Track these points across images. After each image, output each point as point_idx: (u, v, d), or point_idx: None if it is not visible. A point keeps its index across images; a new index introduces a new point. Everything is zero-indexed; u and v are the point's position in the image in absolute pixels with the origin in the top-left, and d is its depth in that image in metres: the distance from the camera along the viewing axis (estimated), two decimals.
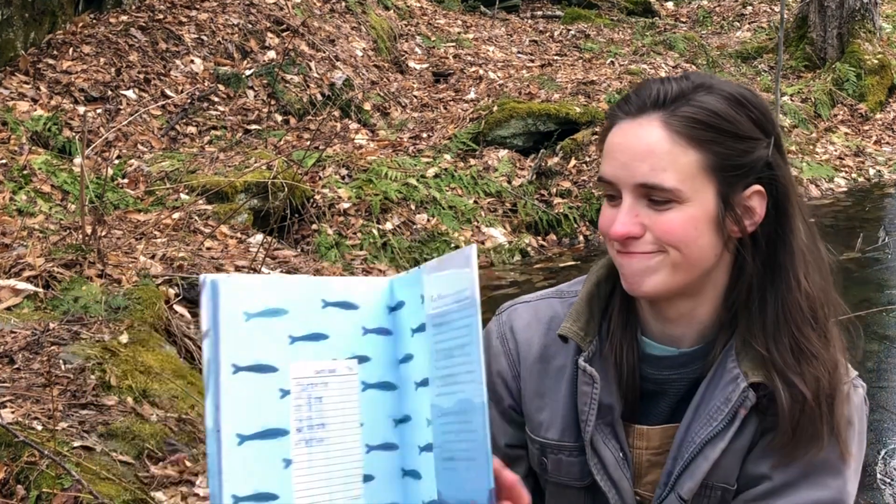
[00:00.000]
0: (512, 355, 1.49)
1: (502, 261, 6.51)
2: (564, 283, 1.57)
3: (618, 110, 1.36)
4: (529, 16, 12.28)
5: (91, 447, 3.00)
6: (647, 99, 1.34)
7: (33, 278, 3.99)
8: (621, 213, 1.33)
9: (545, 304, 1.52)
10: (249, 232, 5.56)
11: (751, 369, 1.34)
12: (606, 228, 1.36)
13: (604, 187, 1.36)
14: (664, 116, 1.31)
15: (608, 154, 1.35)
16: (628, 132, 1.33)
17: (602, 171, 1.36)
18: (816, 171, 8.38)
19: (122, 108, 6.68)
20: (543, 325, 1.49)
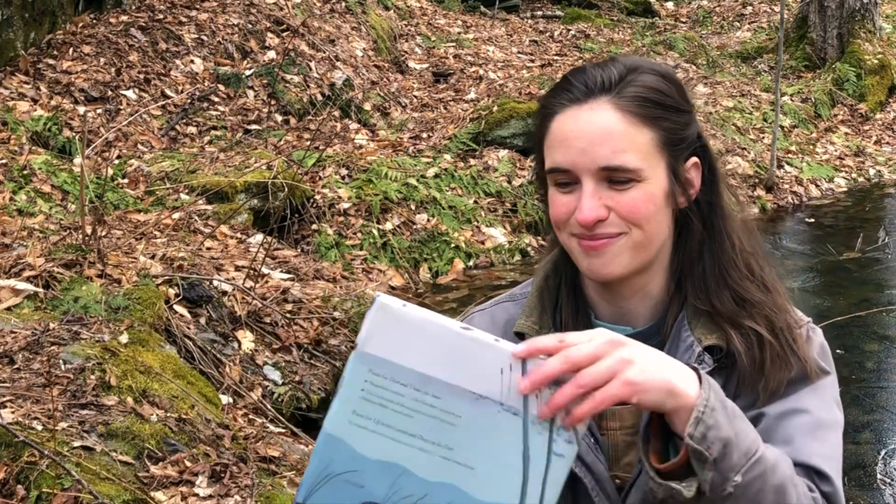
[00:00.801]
0: None
1: (502, 261, 6.51)
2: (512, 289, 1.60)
3: (560, 98, 1.38)
4: (529, 16, 12.28)
5: (91, 447, 3.00)
6: (591, 84, 1.36)
7: (33, 278, 4.00)
8: (585, 197, 1.35)
9: (499, 308, 1.54)
10: (249, 232, 5.56)
11: (704, 334, 1.38)
12: (565, 216, 1.38)
13: (553, 177, 1.38)
14: (613, 99, 1.34)
15: (560, 143, 1.36)
16: (579, 118, 1.35)
17: (555, 161, 1.37)
18: (816, 171, 8.38)
19: (122, 108, 6.68)
20: (500, 328, 1.48)
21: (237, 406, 3.91)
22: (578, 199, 1.36)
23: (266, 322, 4.53)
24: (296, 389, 4.23)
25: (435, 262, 6.29)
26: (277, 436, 3.68)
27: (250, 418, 3.84)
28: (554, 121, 1.38)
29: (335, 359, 4.56)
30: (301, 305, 4.76)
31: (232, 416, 3.76)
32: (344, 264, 5.89)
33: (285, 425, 3.85)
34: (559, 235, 1.42)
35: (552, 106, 1.39)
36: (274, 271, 5.08)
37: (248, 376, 4.16)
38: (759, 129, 8.65)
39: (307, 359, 4.48)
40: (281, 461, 3.43)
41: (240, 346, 4.29)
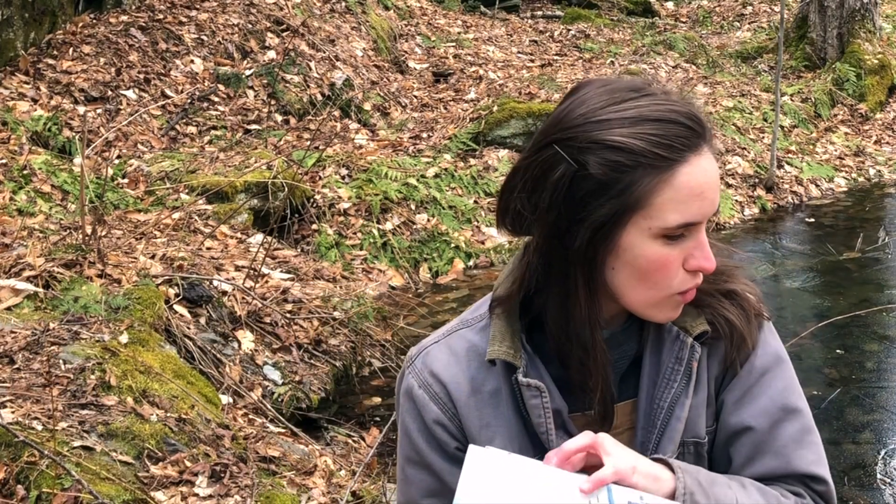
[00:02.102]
0: (441, 398, 1.43)
1: (502, 261, 6.51)
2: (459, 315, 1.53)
3: (677, 144, 1.27)
4: (529, 16, 12.28)
5: (91, 447, 3.00)
6: (699, 127, 1.30)
7: (33, 278, 4.00)
8: (704, 247, 1.31)
9: (456, 337, 1.46)
10: (249, 232, 5.56)
11: (687, 322, 1.39)
12: (675, 269, 1.31)
13: (671, 231, 1.29)
14: (710, 142, 1.31)
15: (695, 196, 1.28)
16: (706, 168, 1.29)
17: (689, 215, 1.28)
18: (816, 171, 8.38)
19: (122, 108, 6.68)
20: (463, 359, 1.43)
21: (237, 406, 3.91)
22: (693, 249, 1.31)
23: (266, 322, 4.53)
24: (296, 389, 4.23)
25: (435, 262, 6.29)
26: (277, 436, 3.68)
27: (250, 418, 3.84)
28: (678, 172, 1.27)
29: (335, 359, 4.57)
30: (301, 305, 4.77)
31: (232, 416, 3.76)
32: (344, 264, 5.89)
33: (285, 425, 3.85)
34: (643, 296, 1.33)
35: (668, 154, 1.27)
36: (274, 271, 5.08)
37: (248, 376, 4.16)
38: (759, 128, 8.65)
39: (307, 359, 4.48)
40: (281, 461, 3.43)
41: (240, 346, 4.29)
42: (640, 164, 1.26)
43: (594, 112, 1.29)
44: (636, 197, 1.27)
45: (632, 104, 1.29)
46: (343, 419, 4.28)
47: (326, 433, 4.13)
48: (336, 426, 4.19)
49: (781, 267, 6.47)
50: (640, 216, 1.28)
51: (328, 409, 4.35)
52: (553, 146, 1.31)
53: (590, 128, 1.28)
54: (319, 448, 3.76)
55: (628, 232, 1.29)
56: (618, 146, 1.26)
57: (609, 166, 1.27)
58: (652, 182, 1.27)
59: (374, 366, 4.78)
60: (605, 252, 1.31)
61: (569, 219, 1.29)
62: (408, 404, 1.46)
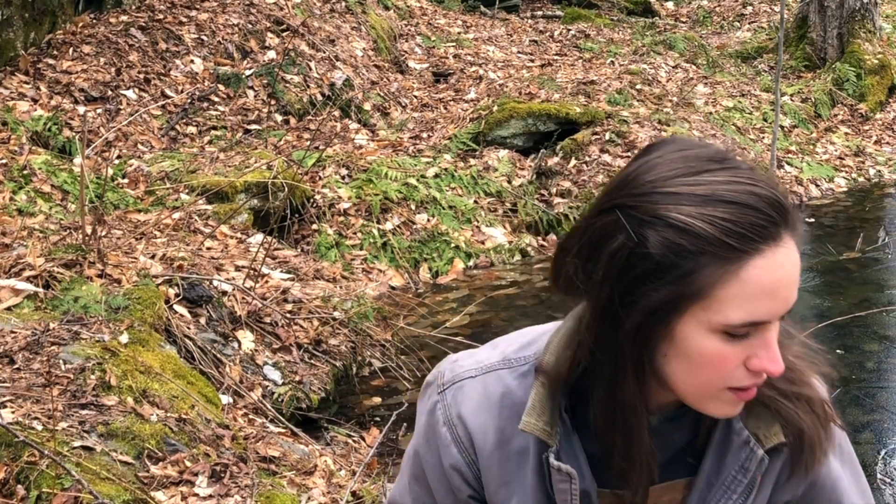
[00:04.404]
0: (464, 444, 1.33)
1: (502, 261, 6.51)
2: (504, 339, 1.39)
3: (750, 234, 1.12)
4: (529, 16, 12.28)
5: (91, 447, 3.00)
6: (781, 215, 1.15)
7: (33, 278, 4.00)
8: (771, 347, 1.16)
9: (493, 377, 1.34)
10: (249, 232, 5.56)
11: (760, 429, 1.27)
12: (733, 368, 1.17)
13: (736, 329, 1.15)
14: (795, 234, 1.17)
15: (766, 294, 1.13)
16: (784, 263, 1.14)
17: (756, 314, 1.14)
18: (816, 171, 8.38)
19: (122, 108, 6.68)
20: (495, 405, 1.32)
21: (237, 406, 3.91)
22: (759, 349, 1.16)
23: (266, 322, 4.53)
24: (296, 389, 4.23)
25: (435, 262, 6.29)
26: (277, 436, 3.68)
27: (250, 418, 3.84)
28: (749, 265, 1.12)
29: (335, 359, 4.57)
30: (301, 305, 4.77)
31: (232, 416, 3.76)
32: (344, 264, 5.89)
33: (285, 425, 3.85)
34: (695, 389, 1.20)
35: (739, 244, 1.12)
36: (274, 271, 5.08)
37: (248, 376, 4.16)
38: (759, 129, 8.65)
39: (307, 359, 4.48)
40: (281, 461, 3.44)
41: (240, 346, 4.29)
42: (705, 251, 1.12)
43: (664, 181, 1.15)
44: (697, 287, 1.13)
45: (707, 178, 1.14)
46: (343, 419, 4.28)
47: (326, 433, 4.13)
48: (336, 426, 4.19)
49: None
50: (700, 307, 1.14)
51: (328, 409, 4.35)
52: (615, 212, 1.16)
53: (656, 199, 1.14)
54: (319, 448, 3.76)
55: (685, 321, 1.15)
56: (682, 227, 1.12)
57: (670, 248, 1.13)
58: (716, 273, 1.12)
59: (374, 366, 4.79)
60: (658, 338, 1.18)
61: (622, 297, 1.16)
62: (429, 434, 1.37)
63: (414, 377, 4.72)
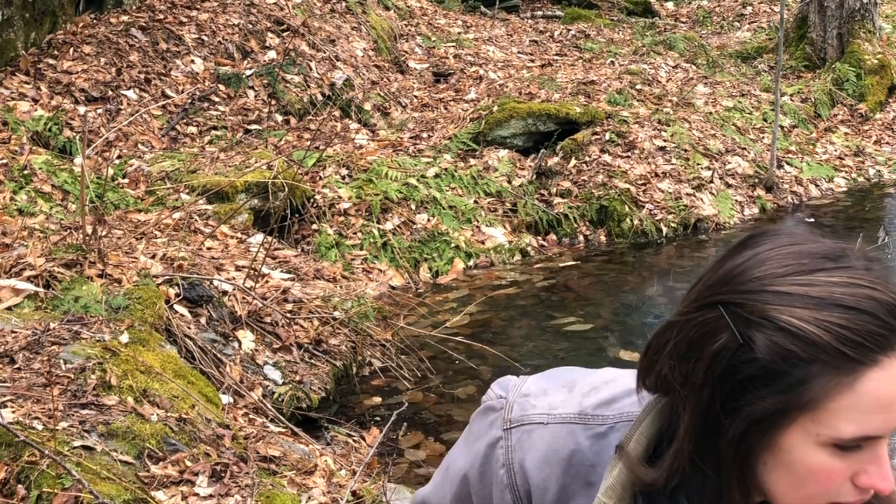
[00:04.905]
0: (520, 494, 1.26)
1: (502, 261, 6.51)
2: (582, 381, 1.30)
3: (872, 348, 1.03)
4: (529, 16, 12.28)
5: (91, 447, 3.01)
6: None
7: (34, 278, 4.00)
8: (882, 463, 1.08)
9: (565, 431, 1.24)
10: (250, 232, 5.56)
11: None
12: (839, 483, 1.08)
13: (845, 442, 1.06)
14: None
15: (881, 408, 1.04)
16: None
17: (870, 429, 1.05)
18: (816, 171, 8.39)
19: (122, 108, 6.68)
20: (562, 461, 1.23)
21: (237, 406, 3.92)
22: (868, 464, 1.08)
23: (266, 322, 4.54)
24: (296, 389, 4.23)
25: (435, 261, 6.29)
26: (278, 435, 3.68)
27: (251, 418, 3.85)
28: (864, 377, 1.03)
29: (335, 359, 4.57)
30: (301, 305, 4.77)
31: (232, 416, 3.76)
32: (344, 264, 5.90)
33: (286, 425, 3.85)
34: (797, 499, 1.11)
35: (855, 355, 1.03)
36: (274, 271, 5.08)
37: (248, 376, 4.17)
38: (759, 129, 8.65)
39: (307, 358, 4.48)
40: (281, 461, 3.44)
41: (240, 345, 4.30)
42: (817, 360, 1.03)
43: (774, 279, 1.06)
44: (807, 398, 1.04)
45: (822, 278, 1.05)
46: (343, 419, 4.28)
47: (327, 433, 4.14)
48: (336, 426, 4.19)
49: None
50: (809, 419, 1.05)
51: (328, 409, 4.35)
52: (719, 308, 1.07)
53: (765, 298, 1.05)
54: (320, 448, 3.77)
55: (791, 432, 1.07)
56: (794, 331, 1.03)
57: (780, 353, 1.04)
58: (829, 384, 1.03)
59: (374, 365, 4.79)
60: (762, 447, 1.09)
61: (724, 403, 1.07)
62: (485, 468, 1.30)
63: (414, 377, 4.72)
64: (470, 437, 1.34)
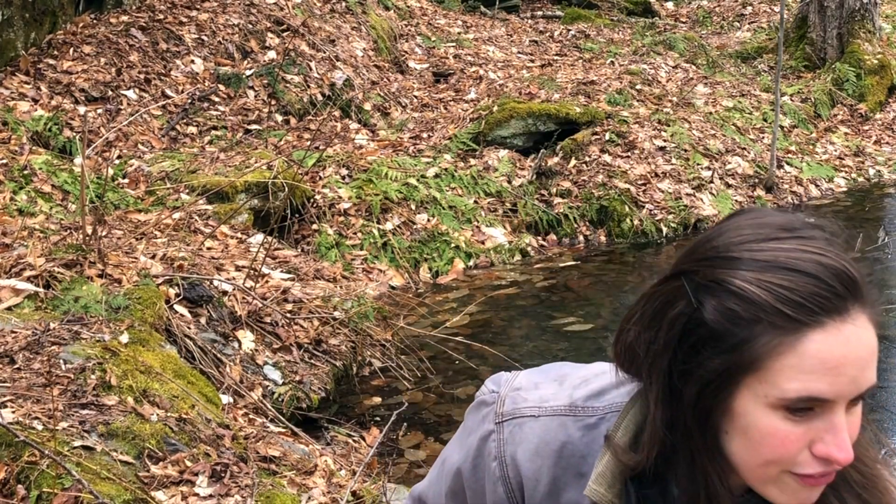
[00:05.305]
0: (512, 486, 1.28)
1: (502, 261, 6.51)
2: (573, 375, 1.32)
3: (808, 303, 1.06)
4: (529, 16, 12.28)
5: (91, 447, 3.01)
6: (850, 289, 1.07)
7: (34, 278, 4.00)
8: (843, 432, 1.09)
9: (557, 423, 1.26)
10: (250, 232, 5.56)
11: None
12: (794, 452, 1.09)
13: (793, 404, 1.08)
14: (869, 311, 1.09)
15: (828, 369, 1.06)
16: (848, 339, 1.06)
17: (814, 391, 1.06)
18: (816, 171, 8.39)
19: (122, 108, 6.68)
20: (553, 453, 1.25)
21: (237, 406, 3.92)
22: (824, 432, 1.09)
23: (266, 322, 4.54)
24: (296, 389, 4.23)
25: (435, 261, 6.29)
26: (278, 435, 3.68)
27: (250, 418, 3.85)
28: (808, 338, 1.06)
29: (335, 359, 4.57)
30: (301, 305, 4.77)
31: (232, 416, 3.76)
32: (344, 264, 5.90)
33: (285, 425, 3.85)
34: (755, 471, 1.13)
35: (797, 315, 1.06)
36: (274, 271, 5.08)
37: (248, 376, 4.17)
38: (759, 129, 8.65)
39: (307, 359, 4.48)
40: (281, 461, 3.44)
41: (240, 345, 4.30)
42: (760, 320, 1.06)
43: (728, 247, 1.10)
44: (751, 357, 1.07)
45: (773, 244, 1.09)
46: (343, 419, 4.28)
47: (327, 433, 4.14)
48: (336, 426, 4.19)
49: None
50: (756, 380, 1.08)
51: (328, 409, 4.35)
52: (680, 277, 1.12)
53: (718, 264, 1.10)
54: (320, 448, 3.77)
55: (742, 395, 1.09)
56: (737, 292, 1.07)
57: (724, 314, 1.08)
58: (771, 343, 1.06)
59: (374, 365, 4.79)
60: (719, 414, 1.12)
61: (680, 368, 1.11)
62: (477, 462, 1.32)
63: (414, 377, 4.72)
64: (464, 432, 1.36)
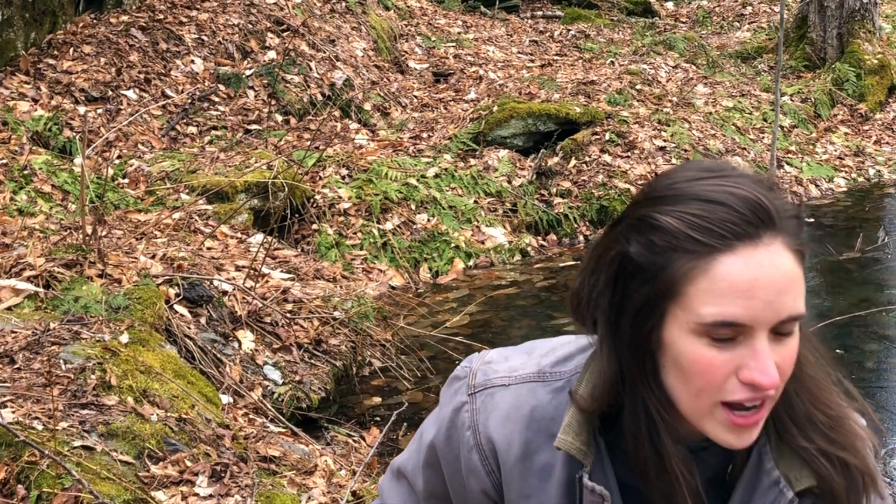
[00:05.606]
0: (486, 453, 1.32)
1: (502, 261, 6.51)
2: (541, 347, 1.37)
3: (718, 229, 1.11)
4: (529, 16, 12.28)
5: (91, 447, 3.01)
6: (762, 216, 1.12)
7: (34, 278, 4.00)
8: (765, 356, 1.12)
9: (526, 389, 1.31)
10: (250, 232, 5.56)
11: (792, 471, 1.23)
12: (721, 379, 1.13)
13: (713, 330, 1.12)
14: (784, 238, 1.13)
15: (740, 292, 1.10)
16: (761, 264, 1.11)
17: (728, 314, 1.11)
18: (816, 171, 8.39)
19: (122, 108, 6.68)
20: (524, 417, 1.30)
21: (237, 406, 3.92)
22: (748, 358, 1.12)
23: (266, 322, 4.54)
24: (296, 389, 4.23)
25: (435, 261, 6.29)
26: (278, 435, 3.68)
27: (250, 418, 3.85)
28: (718, 261, 1.11)
29: (335, 359, 4.57)
30: (301, 305, 4.77)
31: (232, 416, 3.76)
32: (344, 264, 5.89)
33: (285, 425, 3.85)
34: (690, 403, 1.17)
35: (708, 240, 1.12)
36: (274, 271, 5.08)
37: (248, 376, 4.17)
38: (759, 129, 8.65)
39: (307, 359, 4.48)
40: (281, 461, 3.44)
41: (240, 345, 4.30)
42: (675, 248, 1.13)
43: (656, 190, 1.18)
44: (668, 283, 1.13)
45: (693, 183, 1.16)
46: (343, 419, 4.28)
47: (327, 433, 4.14)
48: (336, 426, 4.19)
49: None
50: (677, 307, 1.14)
51: (328, 409, 4.35)
52: (618, 223, 1.21)
53: (644, 205, 1.18)
54: (320, 448, 3.77)
55: (669, 325, 1.15)
56: (655, 225, 1.14)
57: (645, 246, 1.15)
58: (685, 268, 1.12)
59: (374, 366, 4.79)
60: (654, 347, 1.17)
61: (616, 305, 1.19)
62: (451, 433, 1.36)
63: (414, 377, 4.72)
64: (439, 407, 1.41)
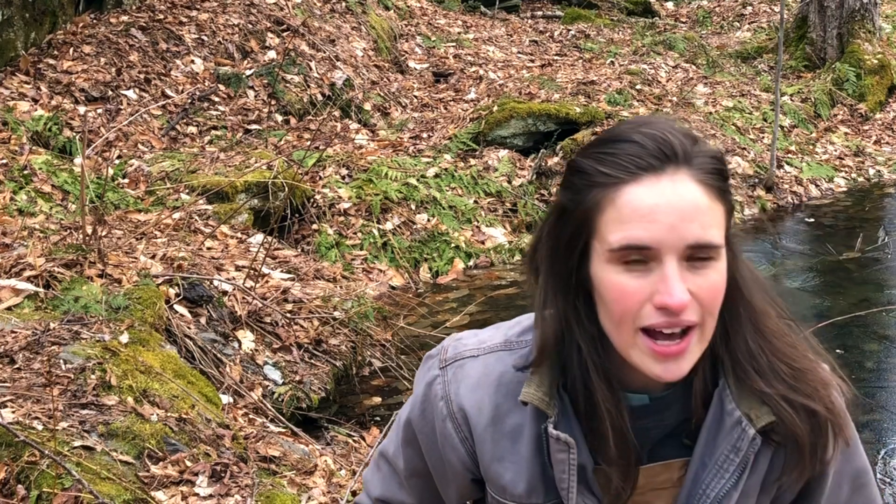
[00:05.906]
0: (458, 419, 1.38)
1: (502, 261, 6.51)
2: (507, 323, 1.45)
3: (624, 164, 1.21)
4: (529, 16, 12.28)
5: (91, 447, 3.01)
6: (666, 151, 1.21)
7: (34, 278, 4.00)
8: (673, 279, 1.19)
9: (494, 358, 1.39)
10: (250, 232, 5.56)
11: (752, 409, 1.28)
12: (637, 304, 1.20)
13: (624, 255, 1.20)
14: (690, 170, 1.21)
15: (642, 216, 1.19)
16: (664, 189, 1.19)
17: (633, 238, 1.19)
18: (816, 171, 8.38)
19: (122, 108, 6.68)
20: (493, 382, 1.37)
21: (237, 406, 3.92)
22: (659, 283, 1.20)
23: (266, 322, 4.54)
24: (296, 389, 4.23)
25: (435, 261, 6.29)
26: (278, 435, 3.68)
27: (250, 418, 3.85)
28: (623, 191, 1.20)
29: (335, 359, 4.57)
30: (301, 305, 4.77)
31: (232, 416, 3.76)
32: (344, 264, 5.89)
33: (285, 425, 3.85)
34: (616, 334, 1.24)
35: (614, 172, 1.21)
36: (274, 271, 5.08)
37: (248, 376, 4.17)
38: (759, 129, 8.65)
39: (307, 358, 4.48)
40: (281, 461, 3.44)
41: (240, 345, 4.30)
42: (591, 185, 1.23)
43: (589, 142, 1.30)
44: (585, 217, 1.23)
45: (614, 129, 1.27)
46: (343, 419, 4.28)
47: (327, 433, 4.14)
48: (336, 426, 4.19)
49: (781, 267, 6.47)
50: (596, 241, 1.23)
51: (328, 409, 4.35)
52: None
53: (575, 155, 1.30)
54: (320, 448, 3.77)
55: (593, 261, 1.24)
56: (576, 169, 1.26)
57: (569, 188, 1.27)
58: (596, 200, 1.22)
59: (374, 365, 4.79)
60: (588, 287, 1.26)
61: (550, 250, 1.29)
62: (425, 405, 1.43)
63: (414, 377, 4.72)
64: (414, 386, 1.50)
